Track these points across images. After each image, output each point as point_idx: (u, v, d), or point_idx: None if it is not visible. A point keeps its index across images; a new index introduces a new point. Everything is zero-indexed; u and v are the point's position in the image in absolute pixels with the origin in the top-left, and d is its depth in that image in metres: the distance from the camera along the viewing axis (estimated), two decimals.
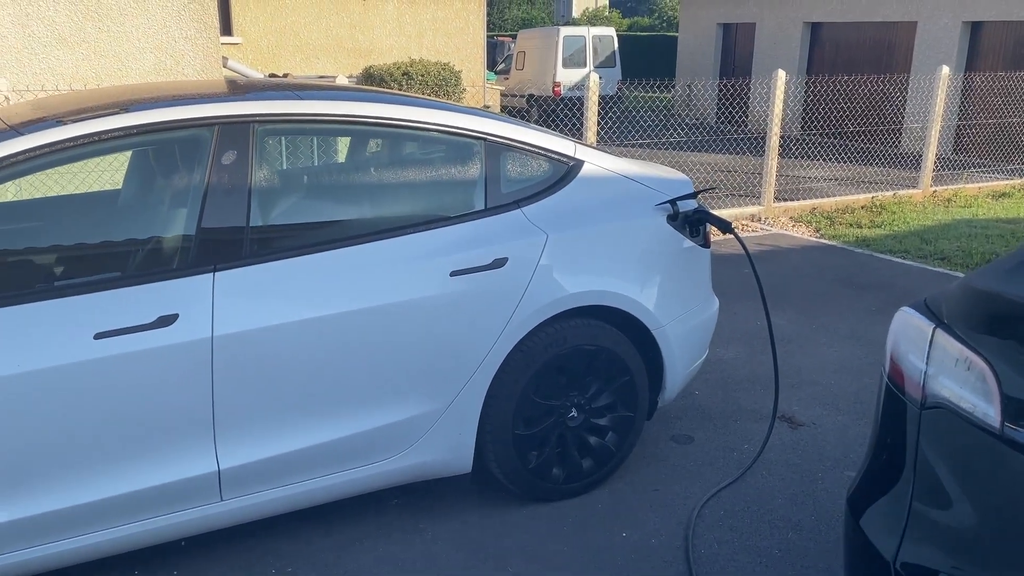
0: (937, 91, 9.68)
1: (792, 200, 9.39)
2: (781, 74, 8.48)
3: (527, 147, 3.21)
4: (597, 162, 3.37)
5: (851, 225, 8.49)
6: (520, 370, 3.08)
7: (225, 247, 2.66)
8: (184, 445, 2.63)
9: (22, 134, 2.51)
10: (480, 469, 3.23)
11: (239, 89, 3.04)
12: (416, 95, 3.42)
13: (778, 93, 8.49)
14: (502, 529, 3.17)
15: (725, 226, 3.49)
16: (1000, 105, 13.14)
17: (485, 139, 3.13)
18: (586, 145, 3.44)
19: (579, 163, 3.31)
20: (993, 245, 7.55)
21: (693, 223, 3.46)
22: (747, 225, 8.53)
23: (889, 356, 2.05)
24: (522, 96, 18.20)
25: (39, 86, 6.80)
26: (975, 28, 13.59)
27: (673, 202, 3.39)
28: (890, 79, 14.54)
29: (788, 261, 7.09)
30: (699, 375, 4.62)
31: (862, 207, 9.39)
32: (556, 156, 3.27)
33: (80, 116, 2.61)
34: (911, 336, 1.98)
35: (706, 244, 3.56)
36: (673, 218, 3.40)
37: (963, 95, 13.78)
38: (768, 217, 8.85)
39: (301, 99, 2.90)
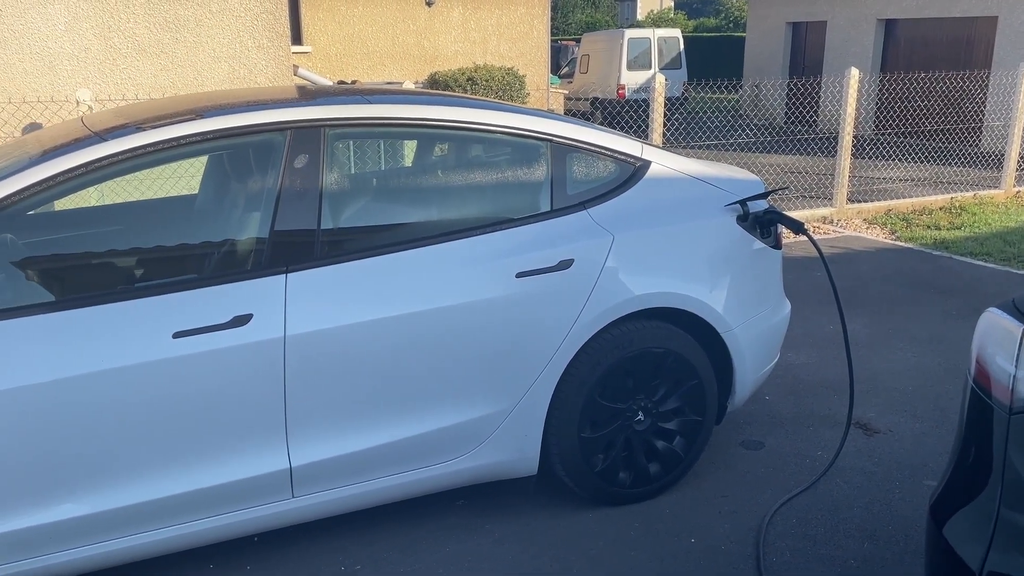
0: (1020, 87, 9.29)
1: (866, 201, 9.13)
2: (855, 72, 8.25)
3: (593, 148, 3.19)
4: (664, 162, 3.32)
5: (929, 227, 8.20)
6: (586, 372, 3.05)
7: (297, 249, 2.71)
8: (257, 442, 2.69)
9: (105, 140, 2.60)
10: (546, 471, 3.22)
11: (310, 95, 3.10)
12: (481, 98, 3.44)
13: (851, 92, 8.27)
14: (568, 532, 3.15)
15: (797, 227, 3.40)
16: None
17: (551, 140, 3.12)
18: (653, 145, 3.40)
19: (646, 164, 3.28)
20: None
21: (764, 224, 3.38)
22: (819, 227, 8.32)
23: (975, 359, 1.96)
24: (586, 99, 18.14)
25: (120, 95, 7.07)
26: None
27: (743, 203, 3.33)
28: (969, 76, 14.02)
29: (862, 264, 6.89)
30: (770, 380, 4.51)
31: (940, 208, 9.07)
32: (622, 157, 3.24)
33: (158, 122, 2.70)
34: (999, 338, 1.89)
35: (777, 245, 3.47)
36: (743, 219, 3.33)
37: None
38: (840, 219, 8.63)
39: (370, 103, 2.94)
